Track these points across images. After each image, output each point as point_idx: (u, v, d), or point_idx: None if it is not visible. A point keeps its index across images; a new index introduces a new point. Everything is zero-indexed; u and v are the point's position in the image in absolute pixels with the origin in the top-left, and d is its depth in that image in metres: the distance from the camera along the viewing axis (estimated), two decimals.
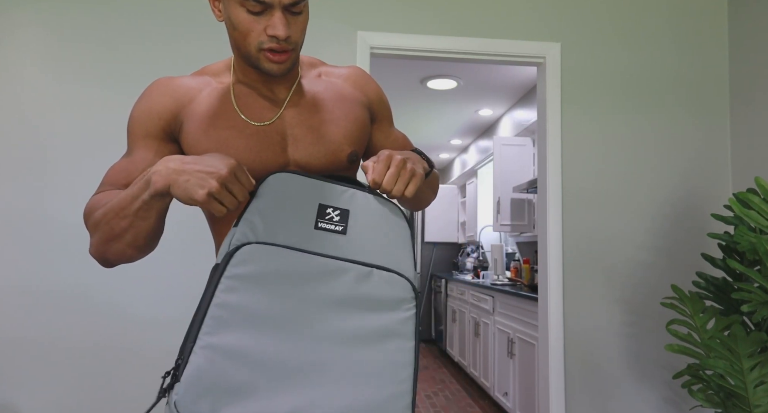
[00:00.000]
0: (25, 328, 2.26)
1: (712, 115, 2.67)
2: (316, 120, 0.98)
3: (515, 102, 4.92)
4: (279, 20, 0.86)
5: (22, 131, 2.32)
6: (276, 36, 0.86)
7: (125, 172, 0.94)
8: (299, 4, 0.86)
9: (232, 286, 0.77)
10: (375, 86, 1.10)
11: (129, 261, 0.89)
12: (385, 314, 0.81)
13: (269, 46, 0.88)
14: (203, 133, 0.93)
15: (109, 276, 2.31)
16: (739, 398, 1.83)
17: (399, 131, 1.19)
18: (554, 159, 2.56)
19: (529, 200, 4.59)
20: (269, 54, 0.88)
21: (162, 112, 0.95)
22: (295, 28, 0.89)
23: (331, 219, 0.84)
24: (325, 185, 0.86)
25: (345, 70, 1.08)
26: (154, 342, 2.30)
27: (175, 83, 0.97)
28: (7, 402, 2.23)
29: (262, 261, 0.78)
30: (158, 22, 2.43)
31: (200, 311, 0.76)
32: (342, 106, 1.02)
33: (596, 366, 2.50)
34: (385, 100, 1.12)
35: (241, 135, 0.94)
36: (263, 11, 0.86)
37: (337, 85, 1.04)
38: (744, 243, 1.72)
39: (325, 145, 0.98)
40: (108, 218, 0.83)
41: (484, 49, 2.57)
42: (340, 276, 0.80)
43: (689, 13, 2.70)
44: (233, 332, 0.74)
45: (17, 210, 2.29)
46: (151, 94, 0.97)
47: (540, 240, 2.62)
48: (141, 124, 0.95)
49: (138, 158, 0.95)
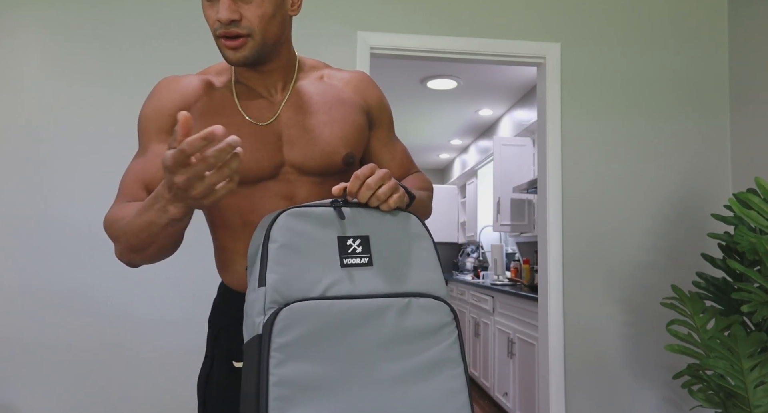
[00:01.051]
0: (25, 328, 2.26)
1: (712, 115, 2.67)
2: (313, 121, 0.98)
3: (515, 102, 4.92)
4: (222, 4, 0.86)
5: (22, 131, 2.32)
6: (218, 20, 0.87)
7: (141, 173, 0.95)
8: None
9: (283, 359, 0.72)
10: (376, 92, 1.09)
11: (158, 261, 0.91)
12: (431, 343, 0.79)
13: (220, 33, 0.89)
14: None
15: (109, 276, 2.31)
16: (739, 398, 1.83)
17: (400, 143, 1.16)
18: (554, 159, 2.56)
19: (529, 200, 4.59)
20: (224, 40, 0.90)
21: (172, 109, 0.96)
22: (249, 12, 0.88)
23: (354, 252, 0.81)
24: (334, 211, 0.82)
25: (348, 74, 1.08)
26: (154, 342, 2.30)
27: (182, 82, 0.99)
28: (7, 402, 2.23)
29: (304, 322, 0.74)
30: (158, 22, 2.43)
31: (258, 391, 0.72)
32: (340, 108, 1.01)
33: (596, 366, 2.50)
34: (385, 107, 1.10)
35: (239, 133, 0.95)
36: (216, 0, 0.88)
37: (337, 88, 1.04)
38: (744, 244, 1.72)
39: (321, 146, 0.98)
40: (128, 236, 0.84)
41: (484, 49, 2.57)
42: (381, 316, 0.77)
43: (689, 14, 2.70)
44: (301, 408, 0.72)
45: (17, 210, 2.29)
46: (160, 92, 0.98)
47: (540, 240, 2.62)
48: (153, 121, 0.96)
49: (153, 155, 0.95)
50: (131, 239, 0.83)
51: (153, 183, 0.95)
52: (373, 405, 0.74)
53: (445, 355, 0.79)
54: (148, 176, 0.94)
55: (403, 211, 0.87)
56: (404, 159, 1.15)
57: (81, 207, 2.32)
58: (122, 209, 0.90)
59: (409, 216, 0.87)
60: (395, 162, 1.13)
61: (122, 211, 0.89)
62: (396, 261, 0.82)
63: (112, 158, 2.35)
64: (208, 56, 2.44)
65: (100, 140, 2.35)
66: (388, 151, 1.12)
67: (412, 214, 0.88)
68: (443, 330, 0.80)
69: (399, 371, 0.76)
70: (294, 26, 2.50)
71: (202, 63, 2.43)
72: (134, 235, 0.82)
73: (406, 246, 0.84)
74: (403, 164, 1.15)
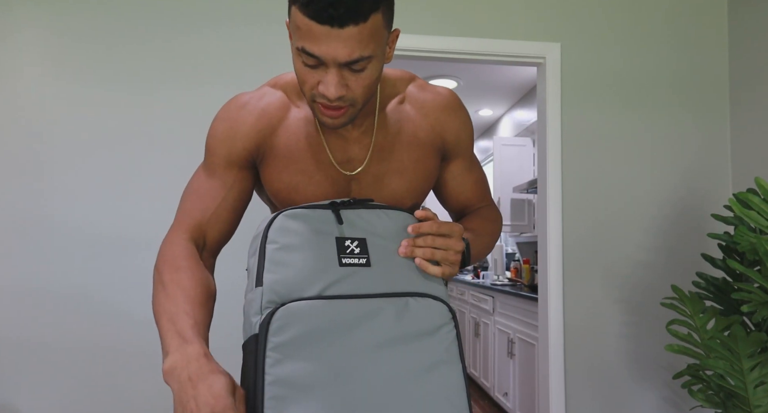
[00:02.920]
0: (25, 329, 2.26)
1: (712, 115, 2.67)
2: (384, 168, 0.95)
3: (515, 102, 4.92)
4: (331, 80, 0.79)
5: (22, 131, 2.32)
6: (325, 96, 0.80)
7: (203, 201, 0.93)
8: (358, 62, 0.78)
9: (279, 359, 0.73)
10: (456, 123, 1.01)
11: None
12: (429, 343, 0.78)
13: (321, 102, 0.82)
14: (278, 175, 0.94)
15: (109, 276, 2.31)
16: (739, 398, 1.83)
17: (476, 172, 1.09)
18: (554, 159, 2.56)
19: (529, 200, 4.59)
20: (322, 108, 0.83)
21: (246, 142, 0.93)
22: (355, 85, 0.81)
23: (352, 253, 0.80)
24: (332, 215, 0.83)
25: (430, 98, 1.00)
26: (154, 343, 2.30)
27: (258, 108, 0.94)
28: (7, 402, 2.23)
29: (301, 322, 0.74)
30: (158, 22, 2.43)
31: (255, 390, 0.72)
32: (412, 152, 0.97)
33: (596, 366, 2.50)
34: (463, 139, 1.03)
35: (312, 180, 0.93)
36: (318, 65, 0.79)
37: (415, 124, 0.98)
38: (744, 244, 1.72)
39: (386, 196, 0.96)
40: (155, 308, 0.84)
41: (484, 49, 2.57)
42: (379, 315, 0.77)
43: (689, 13, 2.70)
44: (296, 408, 0.71)
45: (17, 210, 2.29)
46: (235, 118, 0.94)
47: (540, 240, 2.62)
48: (223, 148, 0.94)
49: (218, 183, 0.94)
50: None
51: (209, 223, 0.93)
52: (370, 405, 0.73)
53: (443, 356, 0.79)
54: (208, 213, 0.93)
55: (400, 211, 0.88)
56: (476, 191, 1.08)
57: (81, 207, 2.32)
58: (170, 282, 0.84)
59: (406, 217, 0.87)
60: (464, 195, 1.08)
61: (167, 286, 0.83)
62: (394, 262, 0.82)
63: (112, 158, 2.35)
64: (208, 56, 2.44)
65: (100, 140, 2.35)
66: (459, 183, 1.06)
67: (410, 215, 0.88)
68: (441, 330, 0.80)
69: (396, 371, 0.76)
70: None
71: (202, 62, 2.43)
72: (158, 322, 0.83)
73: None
74: (473, 197, 1.09)
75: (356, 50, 0.77)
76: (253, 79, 2.45)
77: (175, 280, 0.83)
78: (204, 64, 2.44)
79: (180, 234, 0.91)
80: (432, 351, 0.78)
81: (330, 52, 0.76)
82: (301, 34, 0.77)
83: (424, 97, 1.00)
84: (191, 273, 0.85)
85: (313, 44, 0.76)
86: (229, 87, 2.43)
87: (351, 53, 0.77)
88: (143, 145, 2.38)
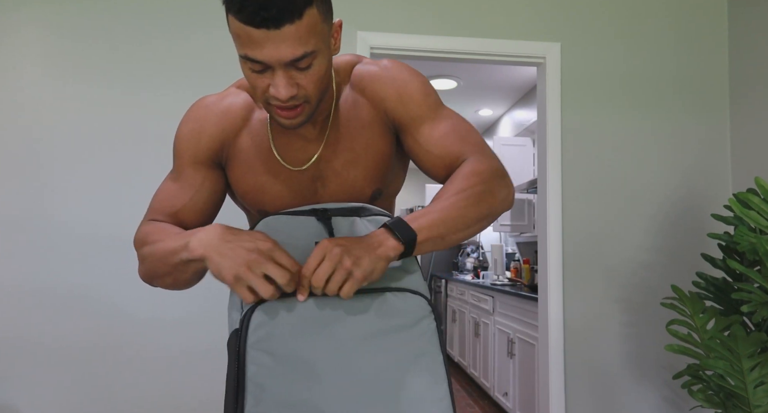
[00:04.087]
0: (25, 328, 2.26)
1: (712, 115, 2.67)
2: (341, 161, 0.95)
3: (515, 102, 4.92)
4: (279, 81, 0.79)
5: (22, 131, 2.32)
6: (277, 97, 0.80)
7: (173, 198, 0.94)
8: (302, 59, 0.77)
9: (258, 355, 0.74)
10: (391, 89, 0.94)
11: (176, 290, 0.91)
12: (409, 336, 0.79)
13: (275, 104, 0.82)
14: (242, 176, 0.95)
15: (109, 276, 2.31)
16: (739, 398, 1.83)
17: (448, 124, 0.94)
18: (554, 159, 2.56)
19: (529, 200, 4.59)
20: (278, 110, 0.83)
21: (210, 142, 0.95)
22: (305, 82, 0.81)
23: None
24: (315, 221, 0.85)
25: (366, 75, 0.96)
26: (154, 343, 2.30)
27: (221, 108, 0.95)
28: (7, 402, 2.23)
29: (280, 318, 0.75)
30: (158, 22, 2.43)
31: (235, 386, 0.74)
32: (362, 138, 0.94)
33: (596, 366, 2.50)
34: (408, 100, 0.94)
35: (277, 180, 0.94)
36: (265, 69, 0.79)
37: (358, 105, 0.95)
38: (744, 244, 1.72)
39: (348, 188, 0.95)
40: (152, 260, 0.85)
41: (484, 49, 2.57)
42: (358, 311, 0.78)
43: (689, 13, 2.70)
44: (276, 400, 0.73)
45: (17, 210, 2.29)
46: (199, 118, 0.95)
47: (540, 241, 2.62)
48: (189, 148, 0.95)
49: (186, 183, 0.95)
50: (154, 263, 0.85)
51: (182, 211, 0.94)
52: (351, 397, 0.74)
53: (423, 347, 0.80)
54: (179, 204, 0.94)
55: (380, 215, 0.89)
56: (448, 145, 0.92)
57: (81, 207, 2.32)
58: (154, 229, 0.89)
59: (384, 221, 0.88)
60: (436, 155, 0.93)
61: (154, 232, 0.89)
62: None
63: (112, 158, 2.35)
64: (208, 55, 2.43)
65: (100, 140, 2.35)
66: (428, 145, 0.93)
67: (387, 217, 0.90)
68: (421, 323, 0.81)
69: (377, 364, 0.77)
70: None
71: (202, 62, 2.43)
72: (157, 260, 0.84)
73: None
74: (448, 153, 0.92)
75: (298, 48, 0.76)
76: None
77: (160, 227, 0.89)
78: (204, 64, 2.44)
79: (156, 218, 0.94)
80: (412, 343, 0.79)
81: (272, 55, 0.76)
82: (241, 41, 0.76)
83: (363, 72, 0.96)
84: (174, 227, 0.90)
85: (254, 49, 0.76)
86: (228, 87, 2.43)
87: (293, 52, 0.76)
88: (143, 144, 2.37)
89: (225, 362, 2.34)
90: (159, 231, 0.88)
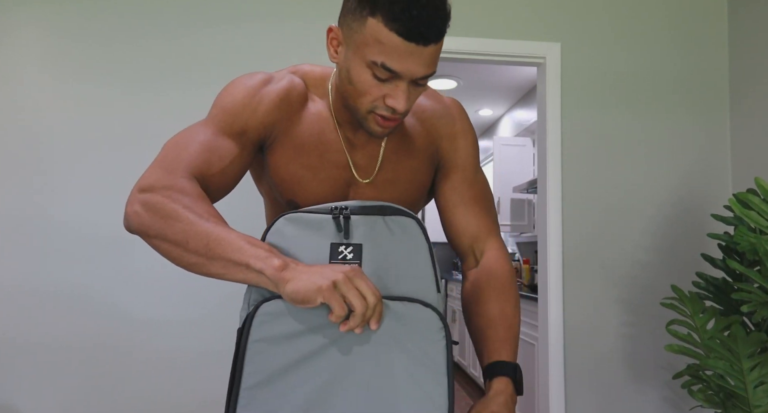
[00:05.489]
0: (25, 328, 2.26)
1: (712, 115, 2.67)
2: (381, 178, 0.95)
3: (515, 102, 4.92)
4: (403, 93, 0.79)
5: (21, 131, 2.32)
6: (395, 109, 0.80)
7: (211, 157, 0.84)
8: (428, 77, 0.80)
9: (259, 351, 0.73)
10: (451, 131, 0.99)
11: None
12: (415, 349, 0.77)
13: (382, 114, 0.82)
14: (286, 164, 0.91)
15: (109, 276, 2.31)
16: (739, 398, 1.83)
17: (482, 189, 1.01)
18: (554, 159, 2.56)
19: (529, 200, 4.59)
20: (380, 119, 0.83)
21: (265, 118, 0.89)
22: (414, 98, 0.83)
23: (344, 258, 0.80)
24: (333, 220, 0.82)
25: (429, 107, 0.98)
26: (154, 343, 2.30)
27: (282, 89, 0.91)
28: (7, 402, 2.23)
29: (285, 318, 0.75)
30: (158, 22, 2.43)
31: (233, 381, 0.73)
32: (410, 163, 0.96)
33: (596, 366, 2.50)
34: (461, 148, 0.99)
35: (315, 178, 0.92)
36: (390, 79, 0.79)
37: (414, 132, 0.97)
38: (744, 244, 1.72)
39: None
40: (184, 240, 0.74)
41: (484, 49, 2.57)
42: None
43: (689, 14, 2.70)
44: (272, 399, 0.72)
45: (17, 210, 2.29)
46: (256, 90, 0.90)
47: (540, 240, 2.62)
48: (242, 115, 0.88)
49: (224, 149, 0.86)
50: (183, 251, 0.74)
51: (214, 177, 0.85)
52: (349, 402, 0.74)
53: (427, 363, 0.77)
54: (214, 169, 0.84)
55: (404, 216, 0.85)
56: (474, 219, 0.99)
57: (81, 207, 2.32)
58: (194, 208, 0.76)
59: (407, 224, 0.85)
60: (464, 216, 1.00)
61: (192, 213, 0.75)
62: (388, 269, 0.81)
63: (112, 158, 2.35)
64: (208, 55, 2.43)
65: (100, 140, 2.35)
66: (457, 196, 0.99)
67: (413, 218, 0.85)
68: (430, 337, 0.78)
69: (379, 371, 0.75)
70: (294, 28, 2.50)
71: (202, 62, 2.43)
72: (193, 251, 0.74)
73: (401, 256, 0.82)
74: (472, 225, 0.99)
75: (432, 66, 0.79)
76: None
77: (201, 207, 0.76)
78: (204, 64, 2.44)
79: (184, 175, 0.80)
80: (417, 359, 0.77)
81: (411, 69, 0.77)
82: (383, 48, 0.76)
83: (425, 105, 0.98)
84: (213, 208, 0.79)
85: (394, 60, 0.76)
86: None
87: (427, 70, 0.78)
88: (143, 144, 2.38)
89: (225, 362, 2.34)
90: (203, 212, 0.76)
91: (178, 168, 0.80)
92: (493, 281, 0.96)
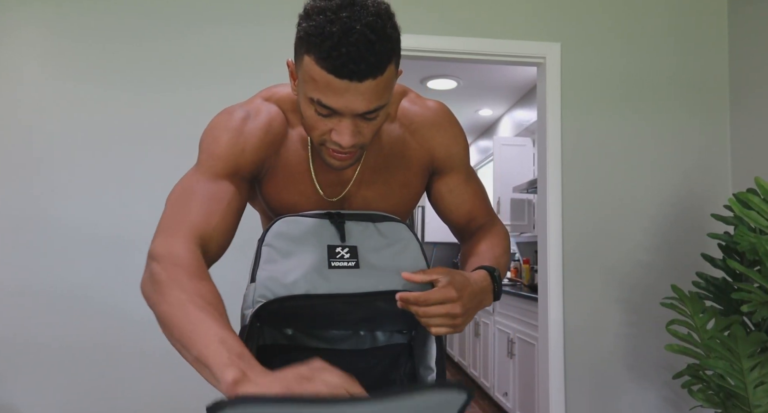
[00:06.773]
0: (24, 329, 2.26)
1: (712, 115, 2.67)
2: (373, 192, 0.96)
3: (515, 102, 4.92)
4: (346, 130, 0.78)
5: (21, 131, 2.32)
6: (339, 144, 0.80)
7: (205, 205, 0.84)
8: (374, 112, 0.78)
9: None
10: (444, 138, 1.00)
11: None
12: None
13: (332, 147, 0.82)
14: (278, 194, 0.94)
15: (109, 276, 2.31)
16: (739, 398, 1.83)
17: (473, 185, 1.06)
18: (554, 159, 2.56)
19: (529, 200, 4.59)
20: (333, 152, 0.83)
21: (254, 155, 0.90)
22: (366, 131, 0.81)
23: (342, 258, 0.84)
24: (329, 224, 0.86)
25: (418, 115, 0.98)
26: (154, 342, 2.30)
27: (264, 123, 0.92)
28: (7, 402, 2.23)
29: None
30: (158, 22, 2.43)
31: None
32: (400, 176, 0.97)
33: (596, 366, 2.50)
34: (455, 153, 1.01)
35: (308, 203, 0.94)
36: (332, 114, 0.78)
37: (404, 143, 0.97)
38: (744, 244, 1.72)
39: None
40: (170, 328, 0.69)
41: (484, 49, 2.57)
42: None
43: (689, 14, 2.70)
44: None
45: (17, 209, 2.29)
46: (238, 129, 0.90)
47: (540, 240, 2.62)
48: (231, 157, 0.89)
49: (222, 192, 0.86)
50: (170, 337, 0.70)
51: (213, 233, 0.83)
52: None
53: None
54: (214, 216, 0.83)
55: (393, 221, 0.92)
56: (476, 203, 1.06)
57: (81, 207, 2.32)
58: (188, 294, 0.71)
59: (397, 226, 0.90)
60: (464, 208, 1.05)
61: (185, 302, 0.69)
62: (383, 267, 0.85)
63: (111, 158, 2.35)
64: (208, 55, 2.43)
65: (100, 140, 2.35)
66: (457, 196, 1.04)
67: (401, 223, 0.92)
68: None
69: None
70: (294, 29, 2.50)
71: (202, 62, 2.43)
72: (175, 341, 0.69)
73: (395, 255, 0.87)
74: (474, 209, 1.06)
75: (374, 102, 0.76)
76: (252, 80, 2.45)
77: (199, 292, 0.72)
78: (203, 64, 2.44)
79: (183, 240, 0.79)
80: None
81: (348, 106, 0.76)
82: (317, 86, 0.75)
83: (413, 113, 0.98)
84: (212, 287, 0.74)
85: (329, 97, 0.75)
86: (228, 87, 2.43)
87: (368, 105, 0.76)
88: (143, 144, 2.37)
89: None
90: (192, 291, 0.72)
91: (179, 231, 0.80)
92: (488, 234, 1.02)
